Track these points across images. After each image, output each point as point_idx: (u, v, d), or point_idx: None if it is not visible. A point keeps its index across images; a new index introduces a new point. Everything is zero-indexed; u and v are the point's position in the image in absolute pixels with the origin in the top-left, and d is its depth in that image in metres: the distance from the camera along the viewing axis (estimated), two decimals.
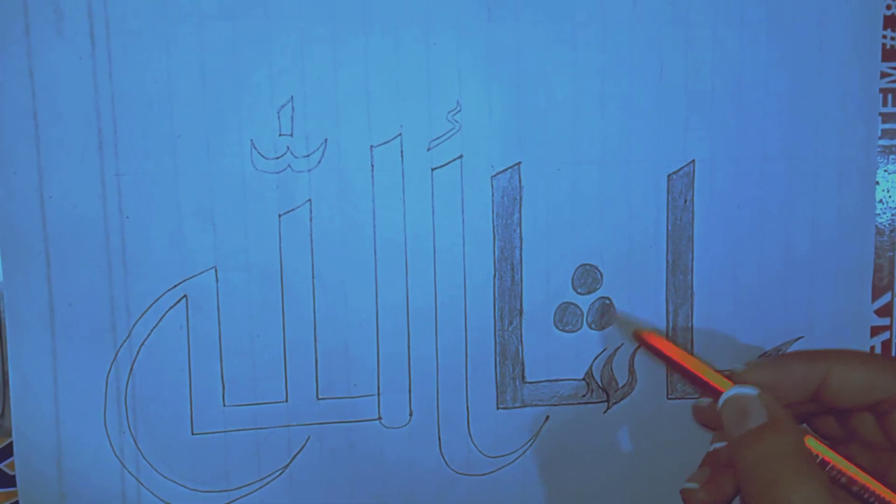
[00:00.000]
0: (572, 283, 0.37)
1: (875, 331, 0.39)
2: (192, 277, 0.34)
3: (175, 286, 0.34)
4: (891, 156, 0.38)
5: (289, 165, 0.34)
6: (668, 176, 0.36)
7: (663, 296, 0.37)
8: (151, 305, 0.34)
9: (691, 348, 0.38)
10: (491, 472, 0.37)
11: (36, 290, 0.33)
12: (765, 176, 0.37)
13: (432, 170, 0.35)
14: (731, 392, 0.27)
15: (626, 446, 0.38)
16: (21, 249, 0.33)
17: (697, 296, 0.37)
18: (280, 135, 0.34)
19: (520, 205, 0.36)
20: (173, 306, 0.34)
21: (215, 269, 0.34)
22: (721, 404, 0.28)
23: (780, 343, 0.38)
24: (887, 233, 0.39)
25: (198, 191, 0.33)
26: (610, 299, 0.37)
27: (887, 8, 0.37)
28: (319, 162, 0.34)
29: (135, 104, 0.33)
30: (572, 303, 0.37)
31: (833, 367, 0.28)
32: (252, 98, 0.33)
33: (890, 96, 0.38)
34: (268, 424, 0.35)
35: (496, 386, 0.37)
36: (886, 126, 0.38)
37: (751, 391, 0.27)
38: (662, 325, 0.37)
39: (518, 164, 0.35)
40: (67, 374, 0.33)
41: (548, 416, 0.37)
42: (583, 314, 0.37)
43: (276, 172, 0.34)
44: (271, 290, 0.34)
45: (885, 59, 0.37)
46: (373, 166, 0.34)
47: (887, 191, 0.39)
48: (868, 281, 0.39)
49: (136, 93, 0.33)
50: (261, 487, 0.35)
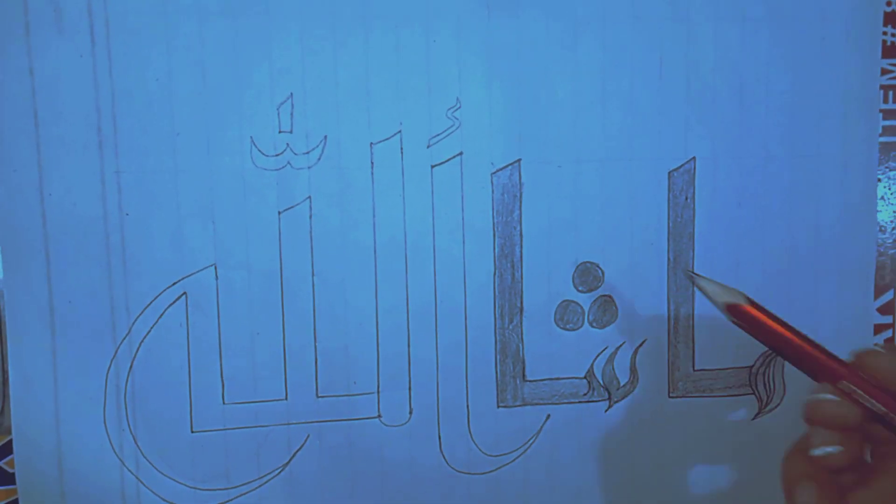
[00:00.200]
0: (573, 281, 0.36)
1: (878, 328, 0.39)
2: (191, 275, 0.34)
3: (175, 283, 0.34)
4: (892, 152, 0.38)
5: (288, 162, 0.34)
6: (668, 173, 0.36)
7: (664, 294, 0.37)
8: (151, 303, 0.34)
9: (692, 346, 0.37)
10: (491, 471, 0.37)
11: (36, 287, 0.33)
12: (766, 173, 0.37)
13: (432, 167, 0.35)
14: None
15: (627, 445, 0.38)
16: (21, 247, 0.33)
17: (699, 293, 0.37)
18: (280, 132, 0.34)
19: (520, 202, 0.36)
20: (173, 304, 0.34)
21: (215, 267, 0.34)
22: None
23: None
24: (889, 230, 0.39)
25: (198, 188, 0.33)
26: (611, 297, 0.37)
27: (887, 4, 0.37)
28: (319, 159, 0.34)
29: (135, 102, 0.33)
30: (573, 301, 0.37)
31: None
32: (252, 95, 0.33)
33: (891, 93, 0.38)
34: (267, 422, 0.35)
35: (496, 384, 0.36)
36: (887, 123, 0.38)
37: None
38: (664, 323, 0.37)
39: (518, 161, 0.35)
40: (67, 371, 0.33)
41: (548, 415, 0.37)
42: (584, 312, 0.37)
43: (276, 169, 0.34)
44: (271, 288, 0.34)
45: (885, 56, 0.37)
46: (372, 163, 0.34)
47: (889, 188, 0.38)
48: (870, 278, 0.38)
49: (136, 91, 0.33)
50: (260, 485, 0.35)
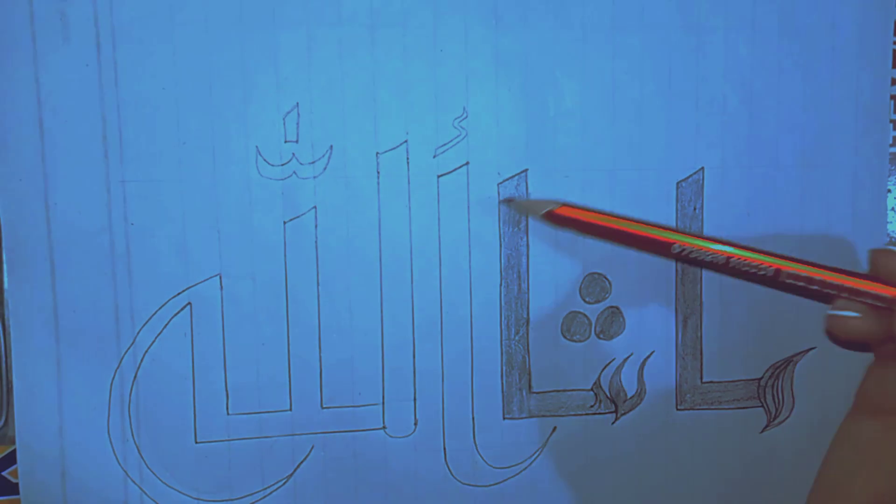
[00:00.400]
0: (580, 292, 0.36)
1: None
2: (196, 285, 0.34)
3: (179, 293, 0.33)
4: None
5: (294, 172, 0.34)
6: (677, 183, 0.36)
7: (672, 305, 0.37)
8: (156, 313, 0.33)
9: (700, 358, 0.37)
10: (497, 484, 0.37)
11: (40, 296, 0.33)
12: (775, 184, 0.37)
13: (438, 177, 0.35)
14: None
15: (634, 458, 0.37)
16: (26, 256, 0.33)
17: (706, 305, 0.37)
18: (286, 141, 0.34)
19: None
20: (178, 313, 0.34)
21: (220, 277, 0.34)
22: None
23: (790, 354, 0.38)
24: None
25: (203, 198, 0.33)
26: (619, 308, 0.36)
27: None
28: (325, 169, 0.34)
29: (140, 111, 0.33)
30: (580, 312, 0.36)
31: None
32: (258, 105, 0.33)
33: None
34: (272, 433, 0.35)
35: (502, 396, 0.36)
36: None
37: None
38: (671, 335, 0.37)
39: (525, 171, 0.35)
40: (71, 381, 0.33)
41: (555, 427, 0.37)
42: (591, 323, 0.36)
43: (282, 179, 0.34)
44: (276, 298, 0.34)
45: (895, 66, 0.37)
46: (378, 173, 0.34)
47: None
48: None
49: (141, 100, 0.33)
50: (264, 497, 0.35)
